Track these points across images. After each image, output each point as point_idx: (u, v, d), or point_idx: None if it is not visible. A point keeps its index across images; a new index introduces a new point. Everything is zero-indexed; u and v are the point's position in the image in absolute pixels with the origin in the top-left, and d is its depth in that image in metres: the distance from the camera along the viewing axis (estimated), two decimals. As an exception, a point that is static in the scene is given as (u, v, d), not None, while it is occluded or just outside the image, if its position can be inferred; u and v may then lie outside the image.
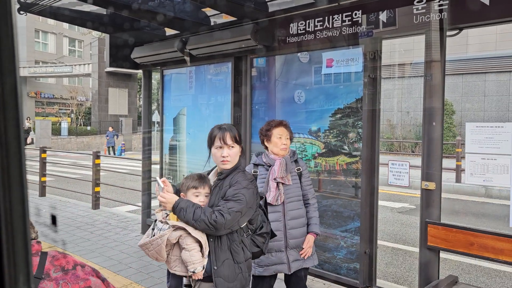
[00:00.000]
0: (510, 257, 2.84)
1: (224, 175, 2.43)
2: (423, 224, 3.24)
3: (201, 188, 2.42)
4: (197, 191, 2.42)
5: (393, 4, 3.35)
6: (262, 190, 2.99)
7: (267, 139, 3.10)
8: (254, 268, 3.01)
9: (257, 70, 4.57)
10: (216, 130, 2.51)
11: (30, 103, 37.85)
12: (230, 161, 2.43)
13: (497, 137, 2.95)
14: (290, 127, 3.16)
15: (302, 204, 3.08)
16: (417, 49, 13.59)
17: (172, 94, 5.69)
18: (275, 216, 2.97)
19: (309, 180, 3.17)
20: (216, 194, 2.39)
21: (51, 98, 39.85)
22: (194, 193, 2.43)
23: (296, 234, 2.99)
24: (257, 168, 3.10)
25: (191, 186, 2.43)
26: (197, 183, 2.43)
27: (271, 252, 2.96)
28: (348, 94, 3.74)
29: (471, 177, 3.07)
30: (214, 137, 2.48)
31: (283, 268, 2.97)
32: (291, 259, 2.97)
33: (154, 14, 4.42)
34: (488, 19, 2.92)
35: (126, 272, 4.53)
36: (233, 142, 2.45)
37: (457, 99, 17.36)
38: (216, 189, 2.42)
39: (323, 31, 3.79)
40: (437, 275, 3.25)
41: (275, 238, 2.92)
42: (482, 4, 2.90)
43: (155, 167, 6.11)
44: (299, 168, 3.11)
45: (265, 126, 3.15)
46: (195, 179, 2.46)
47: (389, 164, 3.52)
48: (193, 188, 2.43)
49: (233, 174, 2.43)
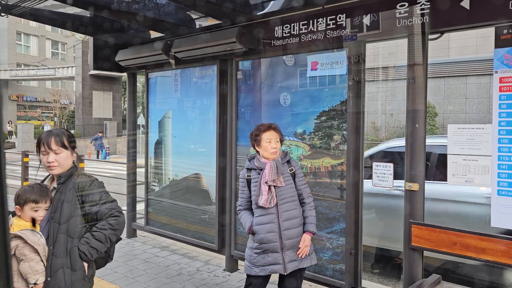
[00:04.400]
0: (491, 256, 2.90)
1: (64, 179, 2.33)
2: (407, 225, 3.29)
3: (42, 202, 2.24)
4: (37, 206, 2.23)
5: (376, 8, 3.40)
6: (255, 194, 3.03)
7: (257, 144, 3.13)
8: (250, 268, 3.06)
9: (243, 73, 4.58)
10: (43, 135, 2.37)
11: (11, 106, 37.15)
12: (58, 166, 2.32)
13: (478, 138, 3.01)
14: (279, 130, 3.19)
15: (297, 204, 3.11)
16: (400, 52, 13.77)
17: (157, 97, 5.66)
18: (268, 218, 3.01)
19: (303, 179, 3.20)
20: (58, 198, 2.28)
21: (33, 101, 39.19)
22: (33, 208, 2.22)
23: (292, 235, 3.02)
24: (251, 172, 3.14)
25: (31, 199, 2.22)
26: (38, 196, 2.23)
27: (267, 253, 3.00)
28: (333, 96, 3.78)
29: (453, 178, 3.12)
30: (39, 143, 2.35)
31: (278, 269, 3.00)
32: (287, 259, 3.00)
33: (139, 16, 4.39)
34: (468, 23, 2.99)
35: (111, 277, 4.48)
36: (58, 147, 2.32)
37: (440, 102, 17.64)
38: (58, 194, 2.30)
39: (307, 34, 3.82)
40: (421, 275, 3.29)
41: (269, 240, 2.98)
42: (462, 8, 2.96)
43: (140, 170, 6.07)
44: (292, 169, 3.14)
45: (254, 131, 3.17)
46: (36, 192, 2.25)
47: (373, 166, 3.56)
48: (33, 202, 2.22)
49: (73, 177, 2.35)
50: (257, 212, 3.06)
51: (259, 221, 3.03)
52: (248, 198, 3.15)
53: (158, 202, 5.65)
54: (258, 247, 3.03)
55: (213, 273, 4.65)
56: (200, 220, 5.06)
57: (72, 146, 2.41)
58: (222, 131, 4.73)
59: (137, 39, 5.49)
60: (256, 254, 3.04)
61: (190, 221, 5.19)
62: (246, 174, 3.16)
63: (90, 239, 2.27)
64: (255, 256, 3.05)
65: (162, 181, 5.60)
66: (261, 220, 3.03)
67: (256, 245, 3.04)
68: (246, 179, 3.15)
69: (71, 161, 2.40)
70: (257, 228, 3.03)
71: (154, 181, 5.73)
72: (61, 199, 2.28)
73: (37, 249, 2.14)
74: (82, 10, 4.58)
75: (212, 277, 4.54)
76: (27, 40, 39.75)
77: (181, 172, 5.35)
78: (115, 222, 2.28)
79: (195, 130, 5.20)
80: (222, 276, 4.56)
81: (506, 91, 2.88)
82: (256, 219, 3.06)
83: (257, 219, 3.05)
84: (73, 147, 2.42)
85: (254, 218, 3.07)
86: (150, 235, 5.96)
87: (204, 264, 4.94)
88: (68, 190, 2.30)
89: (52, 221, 2.26)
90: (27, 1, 4.04)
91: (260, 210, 3.04)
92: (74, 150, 2.44)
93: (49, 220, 2.27)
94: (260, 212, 3.04)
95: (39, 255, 2.15)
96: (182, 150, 5.35)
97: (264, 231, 3.00)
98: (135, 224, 6.00)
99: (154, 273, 4.65)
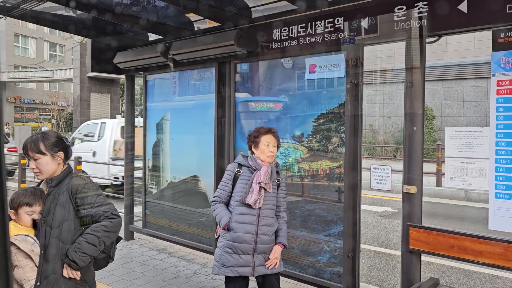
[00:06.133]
0: (489, 259, 2.90)
1: (56, 182, 2.28)
2: (404, 228, 3.29)
3: (35, 206, 2.23)
4: (31, 209, 2.22)
5: (374, 11, 3.41)
6: (244, 191, 3.00)
7: (255, 146, 3.12)
8: (219, 268, 3.03)
9: (241, 75, 4.58)
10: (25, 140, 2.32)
11: (9, 108, 37.07)
12: (40, 172, 2.29)
13: (476, 141, 3.02)
14: (278, 136, 3.19)
15: (274, 214, 3.13)
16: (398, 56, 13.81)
17: (156, 99, 5.66)
18: (249, 218, 2.99)
19: (285, 193, 3.24)
20: (51, 202, 2.24)
21: (31, 103, 39.12)
22: (27, 212, 2.22)
23: (266, 241, 3.03)
24: (241, 169, 3.12)
25: (24, 202, 2.21)
26: (31, 199, 2.22)
27: (238, 254, 2.98)
28: (331, 99, 3.78)
29: (451, 181, 3.13)
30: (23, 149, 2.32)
31: (247, 271, 2.99)
32: (257, 263, 3.00)
33: (137, 18, 4.39)
34: (466, 27, 3.00)
35: (108, 280, 4.46)
36: (34, 153, 2.26)
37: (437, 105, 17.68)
38: (50, 197, 2.26)
39: (306, 37, 3.83)
40: (419, 278, 3.29)
41: (244, 240, 2.96)
42: (460, 12, 2.98)
43: (138, 173, 6.06)
44: (279, 180, 3.17)
45: (253, 132, 3.17)
46: (29, 195, 2.24)
47: (371, 169, 3.57)
48: (26, 206, 2.21)
49: (67, 180, 2.30)
50: (238, 209, 3.01)
51: (239, 219, 2.99)
52: (229, 193, 3.10)
53: (156, 204, 5.64)
54: (230, 245, 2.98)
55: (210, 275, 4.64)
56: (198, 223, 5.05)
57: (55, 150, 2.29)
58: (220, 133, 4.73)
59: (135, 42, 5.49)
60: (227, 253, 3.00)
61: (187, 223, 5.18)
62: (236, 169, 3.12)
63: (81, 245, 2.19)
64: (226, 255, 3.00)
65: (160, 184, 5.59)
66: (241, 218, 2.99)
67: (228, 243, 2.99)
68: (235, 173, 3.11)
69: (54, 166, 2.29)
70: (235, 225, 2.98)
71: (152, 183, 5.73)
72: (54, 203, 2.23)
73: (30, 255, 2.12)
74: (80, 12, 4.58)
75: (210, 279, 4.53)
76: (25, 42, 39.71)
77: (179, 174, 5.34)
78: (110, 224, 2.23)
79: (193, 132, 5.19)
80: (220, 279, 4.54)
81: (504, 94, 2.89)
82: (236, 217, 3.00)
83: (237, 216, 3.00)
84: (56, 150, 2.30)
85: (234, 215, 3.01)
86: (148, 237, 5.94)
87: (202, 267, 4.92)
88: (61, 194, 2.24)
89: (44, 225, 2.21)
90: (25, 3, 4.04)
91: (243, 208, 3.00)
92: (57, 154, 2.30)
93: (41, 224, 2.23)
94: (241, 211, 3.00)
95: (32, 261, 2.13)
96: (180, 152, 5.35)
97: (242, 230, 2.97)
98: (132, 227, 5.98)
99: (151, 275, 4.64)
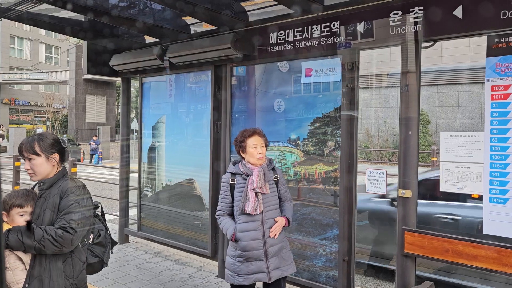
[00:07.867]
0: (483, 263, 2.91)
1: (48, 185, 2.27)
2: (400, 232, 3.30)
3: (27, 207, 2.22)
4: (23, 210, 2.21)
5: (370, 16, 3.43)
6: (241, 200, 2.97)
7: (243, 150, 3.07)
8: (233, 277, 2.99)
9: (237, 79, 4.59)
10: (22, 141, 2.33)
11: (3, 110, 36.88)
12: (34, 173, 2.29)
13: (470, 146, 3.03)
14: (264, 134, 3.14)
15: (279, 212, 3.10)
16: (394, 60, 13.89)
17: (151, 102, 5.65)
18: (253, 225, 2.96)
19: (286, 186, 3.20)
20: (42, 205, 2.23)
21: (26, 105, 38.93)
22: (18, 213, 2.20)
23: (274, 241, 3.00)
24: (235, 177, 3.07)
25: (16, 204, 2.21)
26: (22, 200, 2.22)
27: (250, 261, 2.95)
28: (327, 103, 3.80)
29: (445, 185, 3.14)
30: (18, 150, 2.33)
31: (263, 277, 2.95)
32: (271, 267, 2.96)
33: (134, 21, 4.40)
34: (460, 32, 3.02)
35: (103, 283, 4.44)
36: (29, 154, 2.27)
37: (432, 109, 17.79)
38: (41, 199, 2.25)
39: (302, 41, 3.85)
40: (414, 282, 3.30)
41: (253, 247, 2.93)
42: (455, 17, 3.00)
43: (133, 176, 6.04)
44: (277, 177, 3.13)
45: (239, 136, 3.11)
46: (20, 196, 2.23)
47: (367, 173, 3.58)
48: (18, 207, 2.20)
49: (60, 182, 2.28)
50: (241, 218, 2.99)
51: (243, 228, 2.97)
52: (230, 204, 3.06)
53: (151, 207, 5.62)
54: (241, 255, 2.96)
55: (205, 279, 4.63)
56: (193, 226, 5.04)
57: (50, 152, 2.30)
58: (216, 136, 4.73)
59: (132, 44, 5.49)
60: (239, 262, 2.97)
61: (183, 227, 5.17)
62: (230, 179, 3.07)
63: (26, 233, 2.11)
64: (238, 264, 2.97)
65: (155, 187, 5.58)
66: (245, 227, 2.96)
67: (239, 252, 2.97)
68: (230, 184, 3.06)
69: (48, 168, 2.29)
70: (241, 235, 2.95)
71: (147, 187, 5.71)
72: (44, 206, 2.21)
73: (21, 257, 2.11)
74: (76, 14, 4.57)
75: (205, 283, 4.52)
76: (20, 43, 39.56)
77: (175, 178, 5.33)
78: (61, 235, 2.11)
79: (189, 135, 5.19)
80: (215, 283, 4.53)
81: (498, 99, 2.91)
82: (239, 226, 2.98)
83: (241, 225, 2.97)
84: (51, 152, 2.30)
85: (238, 225, 2.99)
86: (143, 241, 5.92)
87: (197, 271, 4.91)
88: (52, 196, 2.22)
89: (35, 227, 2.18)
90: (21, 5, 4.03)
91: (245, 217, 2.97)
92: (52, 156, 2.31)
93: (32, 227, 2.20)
94: (244, 219, 2.97)
95: (23, 263, 2.12)
96: (175, 155, 5.34)
97: (248, 238, 2.94)
98: (127, 230, 5.96)
99: (146, 279, 4.62)
